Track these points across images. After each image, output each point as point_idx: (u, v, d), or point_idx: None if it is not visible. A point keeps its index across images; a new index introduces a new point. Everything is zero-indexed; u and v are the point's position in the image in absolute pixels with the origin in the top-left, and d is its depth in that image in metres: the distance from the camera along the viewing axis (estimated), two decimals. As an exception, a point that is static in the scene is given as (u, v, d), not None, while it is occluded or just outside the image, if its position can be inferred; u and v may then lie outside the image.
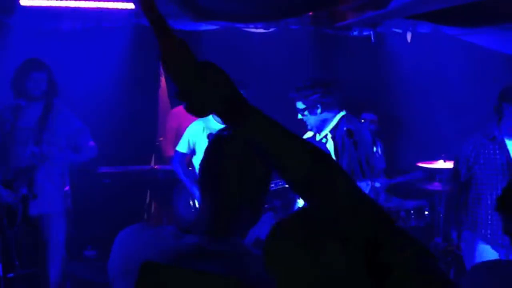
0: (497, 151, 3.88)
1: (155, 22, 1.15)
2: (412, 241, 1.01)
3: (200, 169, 1.63)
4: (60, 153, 4.29)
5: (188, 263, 1.46)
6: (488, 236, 3.88)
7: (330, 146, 3.72)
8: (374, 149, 4.97)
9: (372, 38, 6.28)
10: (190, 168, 4.97)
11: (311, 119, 3.81)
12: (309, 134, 4.06)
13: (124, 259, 1.54)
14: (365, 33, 6.37)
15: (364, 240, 0.97)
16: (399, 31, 6.34)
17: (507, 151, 3.88)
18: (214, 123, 4.67)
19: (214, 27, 6.21)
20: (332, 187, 1.07)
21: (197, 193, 4.64)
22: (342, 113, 3.85)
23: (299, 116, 3.86)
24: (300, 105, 3.80)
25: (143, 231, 1.59)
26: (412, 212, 5.33)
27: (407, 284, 0.95)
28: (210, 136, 4.60)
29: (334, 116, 3.82)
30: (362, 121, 5.81)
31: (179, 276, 1.42)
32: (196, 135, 4.73)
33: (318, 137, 3.91)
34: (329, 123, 3.81)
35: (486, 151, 3.92)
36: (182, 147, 4.83)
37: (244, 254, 1.53)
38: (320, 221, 1.01)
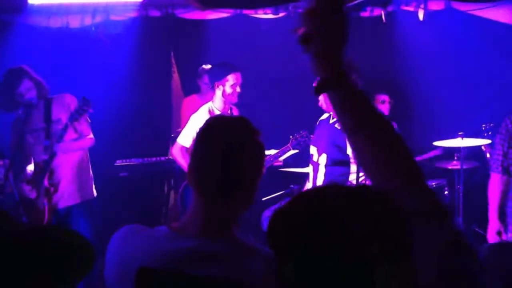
0: None
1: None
2: None
3: (189, 165, 1.60)
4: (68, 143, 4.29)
5: (184, 267, 1.43)
6: None
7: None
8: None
9: (383, 18, 6.21)
10: None
11: (326, 102, 3.81)
12: (324, 116, 4.05)
13: (120, 266, 1.52)
14: (376, 13, 6.31)
15: None
16: (411, 9, 6.27)
17: None
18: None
19: (223, 15, 6.19)
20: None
21: None
22: None
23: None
24: None
25: (136, 234, 1.56)
26: (431, 191, 5.29)
27: None
28: None
29: None
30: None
31: (176, 281, 1.41)
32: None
33: (331, 119, 3.90)
34: None
35: None
36: (185, 140, 4.68)
37: (242, 254, 1.50)
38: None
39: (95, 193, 4.55)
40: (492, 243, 1.55)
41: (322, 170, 3.85)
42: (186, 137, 4.63)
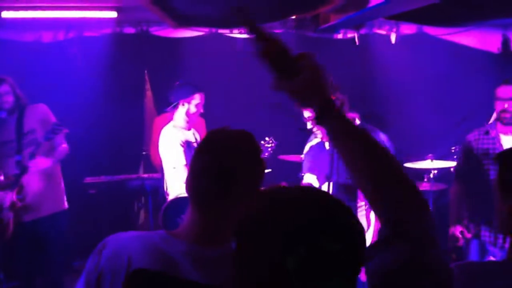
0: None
1: (254, 30, 1.42)
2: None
3: (187, 179, 1.59)
4: (42, 156, 4.26)
5: (178, 270, 1.43)
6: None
7: None
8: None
9: (356, 40, 6.31)
10: None
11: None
12: (314, 141, 3.92)
13: (113, 259, 1.49)
14: (349, 36, 6.40)
15: None
16: (383, 32, 6.38)
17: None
18: (184, 132, 4.58)
19: (197, 33, 6.21)
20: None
21: None
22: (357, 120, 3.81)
23: (309, 125, 3.70)
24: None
25: (133, 234, 1.55)
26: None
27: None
28: (185, 146, 4.50)
29: None
30: None
31: (169, 285, 1.38)
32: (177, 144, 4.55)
33: (327, 144, 3.77)
34: None
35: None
36: (182, 158, 4.49)
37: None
38: None
39: (66, 205, 4.50)
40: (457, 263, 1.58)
41: None
42: (177, 154, 4.47)
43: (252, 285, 1.05)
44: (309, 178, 3.82)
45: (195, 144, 4.59)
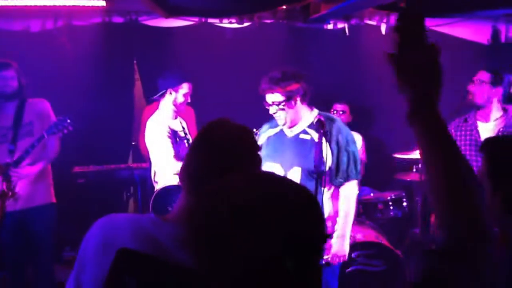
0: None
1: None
2: None
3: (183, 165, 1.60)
4: (36, 150, 4.23)
5: (168, 253, 1.44)
6: None
7: (311, 142, 3.52)
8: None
9: (347, 31, 6.30)
10: None
11: (288, 113, 3.54)
12: (275, 130, 3.77)
13: (101, 239, 1.51)
14: (339, 26, 6.39)
15: None
16: (374, 23, 6.37)
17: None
18: (170, 122, 4.55)
19: (187, 23, 6.18)
20: None
21: None
22: (316, 110, 3.70)
23: (272, 110, 3.58)
24: (277, 97, 3.51)
25: (124, 217, 1.57)
26: (390, 203, 5.35)
27: None
28: (171, 136, 4.48)
29: (310, 111, 3.65)
30: (334, 112, 5.81)
31: (155, 267, 1.40)
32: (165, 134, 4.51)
33: (289, 132, 3.67)
34: (305, 118, 3.62)
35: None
36: (171, 150, 4.48)
37: None
38: None
39: (54, 199, 4.48)
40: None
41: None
42: (167, 146, 4.42)
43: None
44: (272, 167, 3.63)
45: (181, 133, 4.57)
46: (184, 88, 4.50)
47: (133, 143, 6.19)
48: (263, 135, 3.75)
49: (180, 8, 5.48)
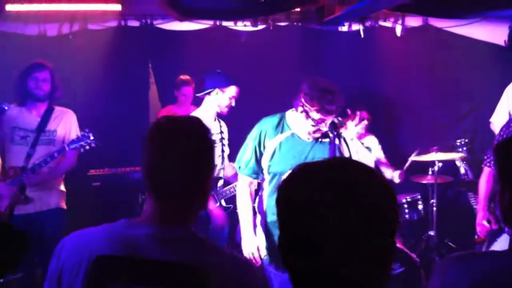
0: None
1: None
2: None
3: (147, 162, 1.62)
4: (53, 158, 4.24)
5: (140, 252, 1.46)
6: None
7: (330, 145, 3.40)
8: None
9: (361, 33, 6.27)
10: None
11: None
12: (286, 134, 3.47)
13: (73, 254, 1.53)
14: (354, 28, 6.37)
15: None
16: (388, 25, 6.34)
17: None
18: (209, 122, 4.52)
19: (201, 26, 6.20)
20: None
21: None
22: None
23: (324, 128, 3.31)
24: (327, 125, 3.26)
25: (94, 229, 1.60)
26: (405, 205, 5.32)
27: None
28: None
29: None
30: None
31: (132, 267, 1.44)
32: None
33: (305, 136, 3.41)
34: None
35: None
36: None
37: (198, 243, 1.56)
38: None
39: (64, 206, 4.48)
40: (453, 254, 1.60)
41: None
42: None
43: None
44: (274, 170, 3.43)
45: (217, 136, 4.45)
46: (232, 90, 4.31)
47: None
48: (273, 141, 3.45)
49: (194, 10, 5.50)
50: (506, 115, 4.85)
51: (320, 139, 3.40)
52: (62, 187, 4.51)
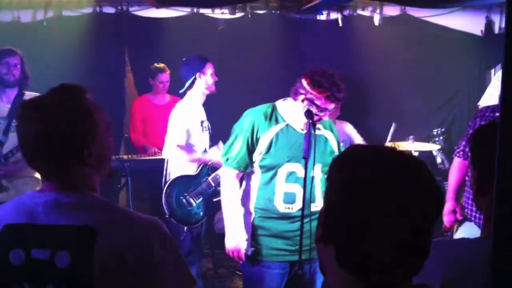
0: None
1: None
2: None
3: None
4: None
5: (39, 219, 1.59)
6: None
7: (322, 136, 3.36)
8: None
9: (340, 22, 6.26)
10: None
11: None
12: (280, 126, 3.31)
13: None
14: (332, 17, 6.36)
15: None
16: (367, 14, 6.34)
17: None
18: (200, 111, 4.50)
19: (179, 13, 6.13)
20: None
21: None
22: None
23: (326, 118, 3.32)
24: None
25: (6, 204, 1.73)
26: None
27: None
28: (202, 123, 4.46)
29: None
30: None
31: (30, 233, 1.58)
32: (191, 123, 4.42)
33: (299, 128, 3.29)
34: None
35: None
36: (179, 138, 4.36)
37: (98, 203, 1.65)
38: None
39: None
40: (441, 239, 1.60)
41: (319, 184, 3.34)
42: (179, 135, 4.36)
43: None
44: (294, 167, 3.30)
45: (206, 122, 4.56)
46: (210, 67, 4.46)
47: (126, 135, 6.14)
48: (268, 133, 3.29)
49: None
50: (496, 99, 4.83)
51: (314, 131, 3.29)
52: (37, 174, 4.44)
